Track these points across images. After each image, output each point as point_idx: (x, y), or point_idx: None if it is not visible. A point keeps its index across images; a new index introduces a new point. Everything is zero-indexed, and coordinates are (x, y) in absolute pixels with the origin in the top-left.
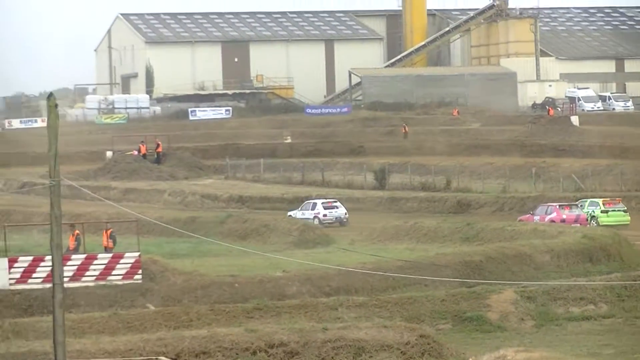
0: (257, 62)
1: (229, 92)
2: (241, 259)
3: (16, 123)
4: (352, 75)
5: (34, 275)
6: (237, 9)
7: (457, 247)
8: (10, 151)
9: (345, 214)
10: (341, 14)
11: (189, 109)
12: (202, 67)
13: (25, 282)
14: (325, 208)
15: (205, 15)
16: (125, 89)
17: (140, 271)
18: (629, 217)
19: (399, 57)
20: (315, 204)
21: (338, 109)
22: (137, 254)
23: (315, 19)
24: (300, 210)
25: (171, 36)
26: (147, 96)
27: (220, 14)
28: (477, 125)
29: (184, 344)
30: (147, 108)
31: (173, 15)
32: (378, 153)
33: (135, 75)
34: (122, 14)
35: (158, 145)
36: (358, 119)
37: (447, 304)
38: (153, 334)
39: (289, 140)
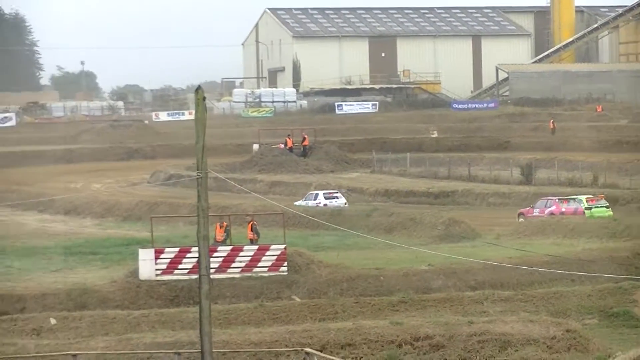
0: (404, 57)
1: (376, 86)
2: (386, 252)
3: (163, 115)
4: (499, 70)
5: (180, 266)
6: (385, 4)
7: (604, 243)
8: (157, 143)
9: (345, 203)
10: (489, 10)
11: (336, 103)
12: (349, 62)
13: (171, 273)
14: (326, 198)
15: (352, 10)
16: (272, 83)
17: (285, 263)
18: (612, 212)
19: (546, 53)
20: (317, 195)
21: (485, 104)
22: (283, 246)
23: (463, 15)
24: (305, 200)
25: (318, 31)
26: (294, 90)
27: (368, 9)
28: (625, 121)
29: (330, 335)
30: (294, 102)
31: (320, 10)
32: (524, 148)
33: (282, 69)
34: (269, 9)
35: (304, 138)
36: (505, 114)
37: (594, 299)
38: (299, 326)
39: (435, 135)
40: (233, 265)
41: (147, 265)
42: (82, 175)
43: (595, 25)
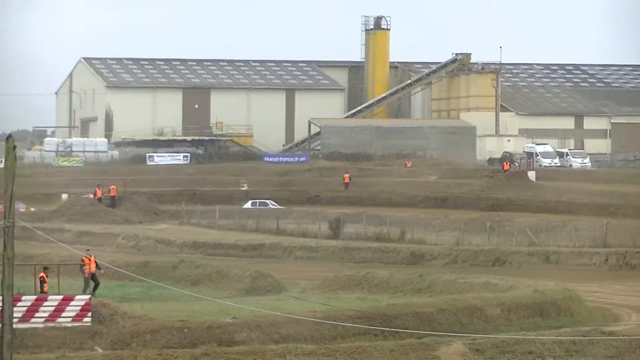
0: (218, 109)
1: (188, 138)
2: (192, 305)
3: None
4: (311, 124)
5: None
6: (200, 55)
7: (409, 298)
8: None
9: None
10: (303, 64)
11: (147, 154)
12: (163, 113)
13: None
14: None
15: (167, 61)
16: (85, 133)
17: (90, 314)
18: None
19: (359, 108)
20: None
21: (296, 158)
22: (87, 296)
23: (278, 68)
24: None
25: (132, 81)
26: (106, 140)
27: (183, 61)
28: (434, 177)
29: None
30: (105, 152)
31: (135, 61)
32: (334, 203)
33: (95, 119)
34: (84, 58)
35: (110, 189)
36: (316, 168)
37: (396, 355)
38: None
39: (245, 188)
40: (37, 314)
41: None
42: None
43: (409, 81)
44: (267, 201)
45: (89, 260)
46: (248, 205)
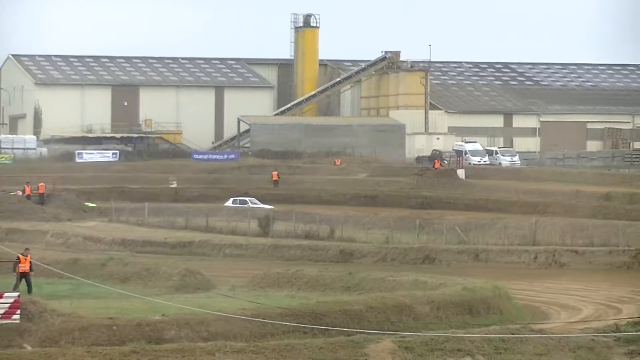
0: (147, 107)
1: (117, 135)
2: (121, 302)
3: None
4: (241, 122)
5: None
6: (129, 53)
7: (338, 296)
8: None
9: None
10: (233, 62)
11: (76, 151)
12: (91, 110)
13: None
14: None
15: (96, 58)
16: (13, 130)
17: (18, 311)
18: None
19: (288, 105)
20: None
21: (225, 156)
22: (16, 294)
23: (207, 66)
24: None
25: (61, 78)
26: (35, 137)
27: (112, 58)
28: (364, 175)
29: None
30: (34, 149)
31: (64, 58)
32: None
33: (23, 116)
34: (13, 55)
35: (39, 186)
36: (245, 166)
37: (325, 352)
38: None
39: (174, 185)
40: None
41: None
42: None
43: (338, 79)
44: (247, 199)
45: (25, 259)
46: (229, 203)
